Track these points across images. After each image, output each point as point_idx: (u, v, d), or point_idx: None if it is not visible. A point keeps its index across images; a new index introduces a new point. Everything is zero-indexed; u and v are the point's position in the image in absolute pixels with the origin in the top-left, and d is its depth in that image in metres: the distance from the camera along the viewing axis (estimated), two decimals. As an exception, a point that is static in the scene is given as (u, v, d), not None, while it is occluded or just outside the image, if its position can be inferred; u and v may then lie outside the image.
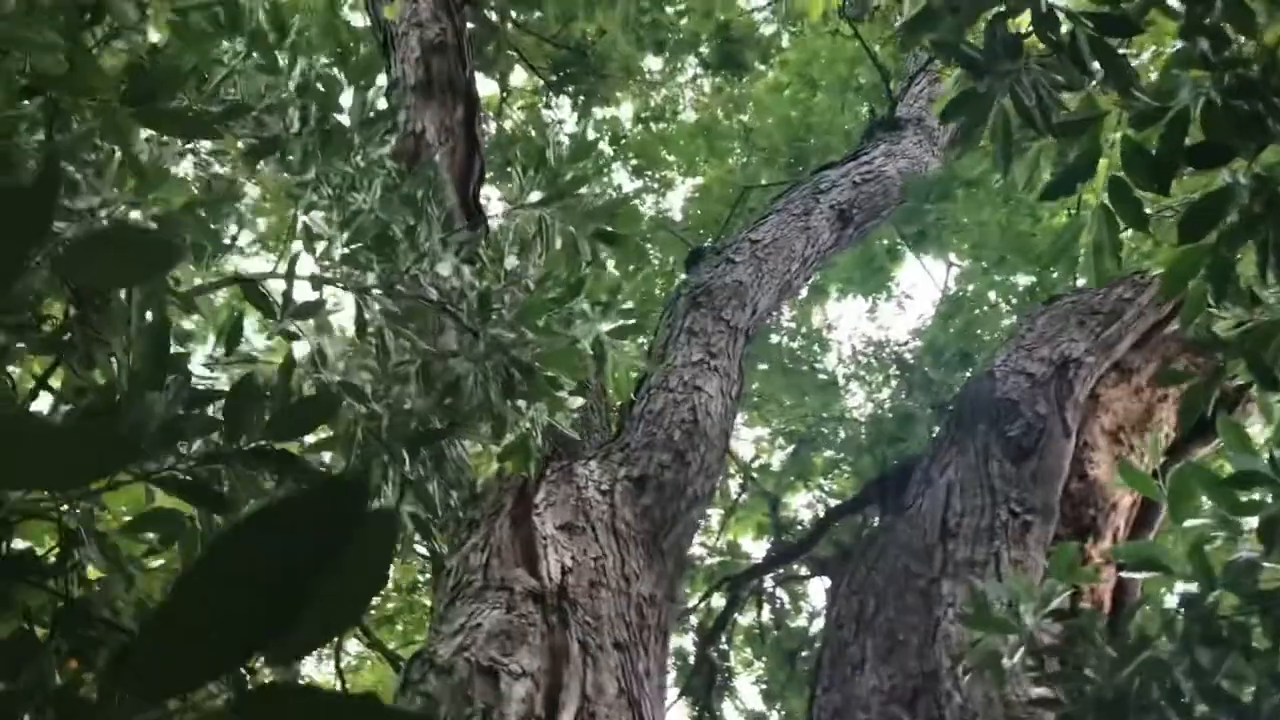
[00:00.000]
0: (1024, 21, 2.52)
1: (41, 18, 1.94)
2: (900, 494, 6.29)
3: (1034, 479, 5.40)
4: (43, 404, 2.33)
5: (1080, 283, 7.99)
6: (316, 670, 9.41)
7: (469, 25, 9.50)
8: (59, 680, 1.54)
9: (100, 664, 1.58)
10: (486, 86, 11.23)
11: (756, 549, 12.04)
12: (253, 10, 3.42)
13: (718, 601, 10.58)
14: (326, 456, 2.93)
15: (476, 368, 3.61)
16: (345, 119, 3.53)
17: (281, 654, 0.63)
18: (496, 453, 4.11)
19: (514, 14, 10.73)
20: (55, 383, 2.25)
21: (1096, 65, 2.44)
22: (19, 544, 1.87)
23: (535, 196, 3.72)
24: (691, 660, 10.34)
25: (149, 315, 2.06)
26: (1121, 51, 2.46)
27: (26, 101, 2.04)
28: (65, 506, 1.70)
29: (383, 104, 3.79)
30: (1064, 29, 2.48)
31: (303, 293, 3.22)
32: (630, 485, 6.57)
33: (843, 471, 12.22)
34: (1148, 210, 2.65)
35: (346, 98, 3.60)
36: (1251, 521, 2.87)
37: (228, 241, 2.80)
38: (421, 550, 7.07)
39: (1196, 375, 2.71)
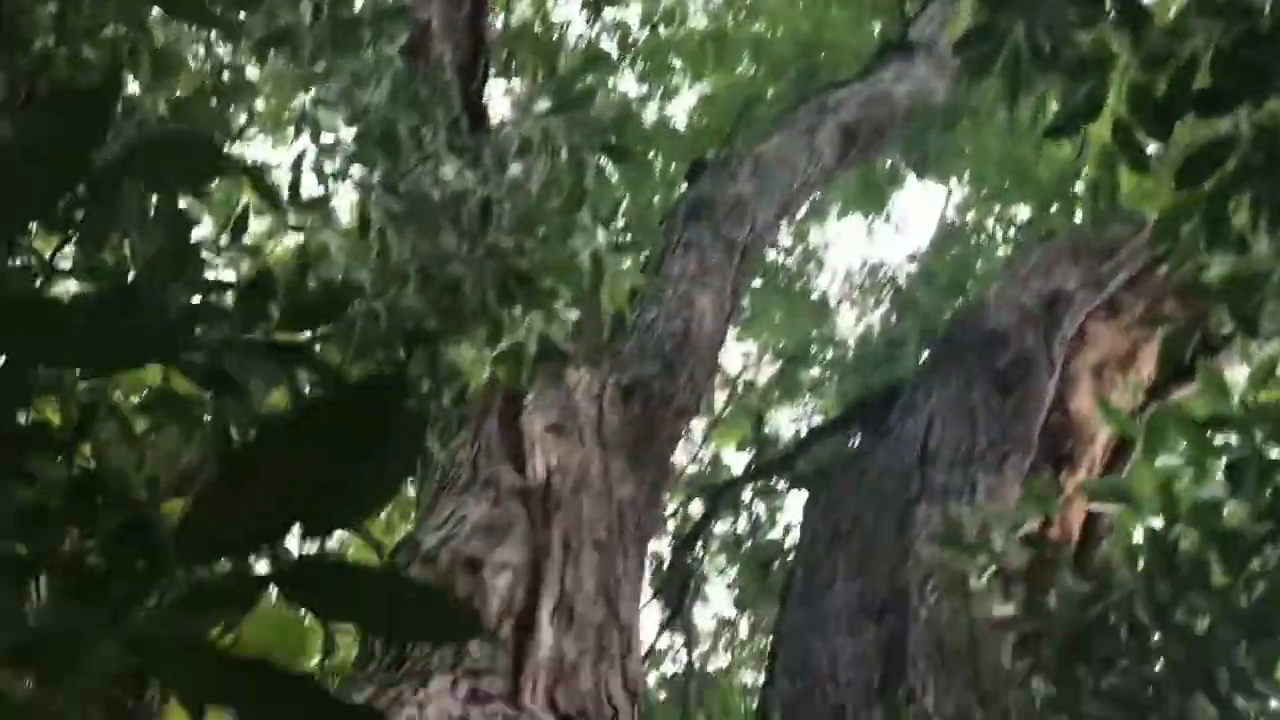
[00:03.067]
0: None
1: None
2: (884, 418, 6.40)
3: (1015, 411, 5.50)
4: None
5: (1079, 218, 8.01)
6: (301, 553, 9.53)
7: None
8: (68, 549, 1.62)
9: (110, 535, 1.66)
10: (495, -20, 10.99)
11: (737, 462, 12.22)
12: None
13: (695, 510, 10.80)
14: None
15: (474, 272, 3.65)
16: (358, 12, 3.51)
17: (316, 530, 0.69)
18: (490, 358, 4.17)
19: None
20: (64, 262, 2.29)
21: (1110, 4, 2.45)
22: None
23: (543, 105, 3.72)
24: (666, 565, 10.57)
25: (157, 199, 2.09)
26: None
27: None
28: (81, 383, 1.76)
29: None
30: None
31: (307, 186, 3.24)
32: (618, 393, 6.66)
33: (828, 392, 12.35)
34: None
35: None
36: (1221, 463, 2.97)
37: (236, 131, 2.81)
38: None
39: (1180, 319, 2.77)
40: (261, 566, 1.68)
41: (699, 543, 10.74)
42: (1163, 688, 3.03)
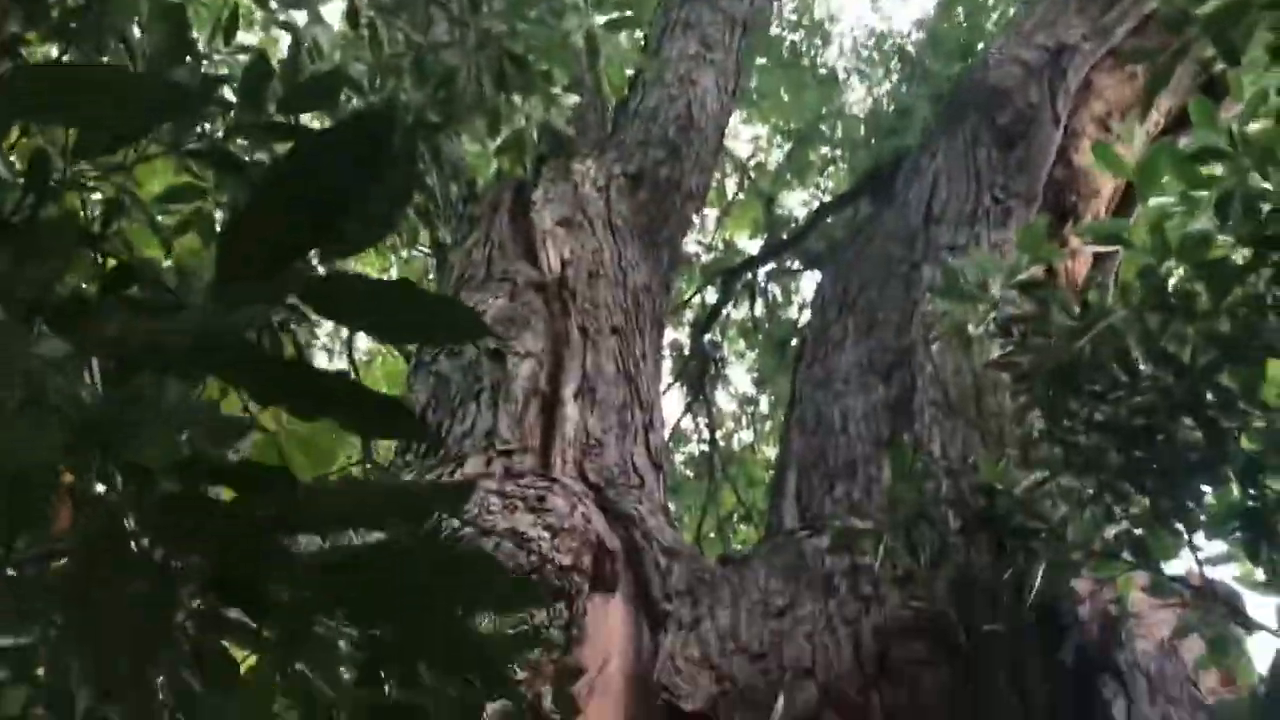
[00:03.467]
0: None
1: None
2: (892, 186, 6.43)
3: (1019, 166, 5.52)
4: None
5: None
6: (329, 363, 9.80)
7: None
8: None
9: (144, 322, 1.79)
10: None
11: (751, 246, 12.29)
12: None
13: (712, 296, 10.97)
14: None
15: (468, 60, 3.66)
16: None
17: (330, 253, 0.80)
18: (493, 148, 4.21)
19: None
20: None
21: None
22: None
23: (521, -123, 3.62)
24: (686, 351, 10.84)
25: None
26: None
27: None
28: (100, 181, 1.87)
29: None
30: None
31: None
32: (626, 181, 6.71)
33: (839, 169, 12.26)
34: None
35: None
36: (1210, 197, 3.03)
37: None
38: (425, 249, 7.30)
39: (1163, 51, 2.78)
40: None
41: (716, 327, 10.97)
42: (1151, 415, 3.20)
